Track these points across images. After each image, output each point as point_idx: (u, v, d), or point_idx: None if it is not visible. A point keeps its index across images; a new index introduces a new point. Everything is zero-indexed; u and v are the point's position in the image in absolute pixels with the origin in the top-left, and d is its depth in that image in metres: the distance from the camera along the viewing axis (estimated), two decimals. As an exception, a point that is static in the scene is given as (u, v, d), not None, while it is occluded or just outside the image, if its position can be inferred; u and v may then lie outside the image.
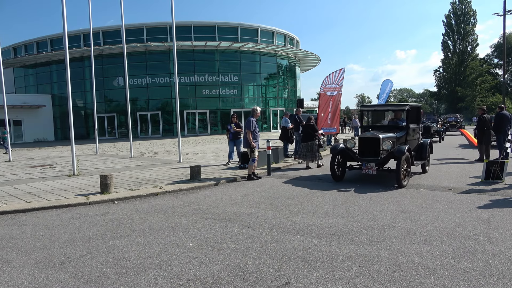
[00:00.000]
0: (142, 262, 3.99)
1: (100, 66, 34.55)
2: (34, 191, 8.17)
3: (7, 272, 3.84)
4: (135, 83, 35.11)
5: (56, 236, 5.04)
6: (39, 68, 39.86)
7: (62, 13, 10.53)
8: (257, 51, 37.67)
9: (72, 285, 3.49)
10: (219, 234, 4.91)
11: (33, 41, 40.67)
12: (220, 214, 5.95)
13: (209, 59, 36.67)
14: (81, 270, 3.82)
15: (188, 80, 35.48)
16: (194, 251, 4.30)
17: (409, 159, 8.06)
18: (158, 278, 3.58)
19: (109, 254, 4.27)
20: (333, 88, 14.54)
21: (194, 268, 3.78)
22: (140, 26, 36.13)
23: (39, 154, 19.47)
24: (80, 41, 36.81)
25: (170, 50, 34.10)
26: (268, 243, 4.48)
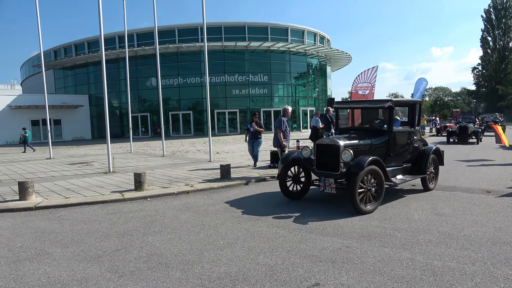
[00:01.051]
0: (174, 258, 4.08)
1: (134, 67, 35.62)
2: (73, 187, 8.54)
3: (48, 264, 4.04)
4: (167, 83, 35.89)
5: (92, 231, 5.25)
6: (77, 70, 41.61)
7: (98, 17, 10.94)
8: (287, 50, 37.51)
9: (107, 278, 3.62)
10: (248, 232, 4.94)
11: (72, 44, 42.48)
12: (250, 213, 5.98)
13: (239, 59, 36.91)
14: (116, 264, 3.96)
15: (219, 80, 35.88)
16: (224, 249, 4.34)
17: (377, 174, 5.89)
18: (189, 274, 3.65)
19: (142, 249, 4.40)
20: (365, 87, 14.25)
21: (224, 266, 3.83)
22: (172, 28, 36.89)
23: (77, 152, 20.33)
24: (116, 43, 38.06)
25: (201, 51, 34.61)
26: (298, 243, 4.46)
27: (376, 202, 5.96)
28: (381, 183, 5.99)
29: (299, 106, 39.76)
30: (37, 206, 6.75)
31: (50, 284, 3.53)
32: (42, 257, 4.24)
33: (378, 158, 6.05)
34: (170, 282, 3.49)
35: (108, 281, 3.56)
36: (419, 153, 7.39)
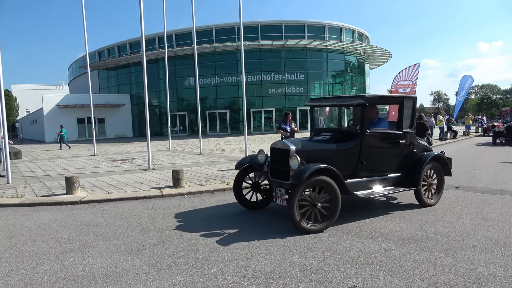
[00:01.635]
0: (210, 255, 4.15)
1: (173, 67, 36.55)
2: (115, 183, 8.91)
3: (91, 255, 4.24)
4: (205, 82, 36.53)
5: (133, 225, 5.45)
6: (120, 70, 43.34)
7: (140, 20, 11.33)
8: (324, 48, 37.01)
9: (147, 271, 3.74)
10: (283, 232, 4.92)
11: (115, 45, 44.28)
12: (285, 212, 5.95)
13: (275, 58, 36.90)
14: (155, 258, 4.09)
15: (255, 79, 36.04)
16: (259, 247, 4.36)
17: (328, 186, 4.92)
18: (225, 271, 3.70)
19: (179, 245, 4.51)
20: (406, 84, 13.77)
21: (259, 264, 3.84)
22: (210, 28, 37.48)
23: (119, 149, 21.20)
24: (156, 44, 39.23)
25: (238, 50, 34.91)
26: (334, 244, 4.39)
27: (327, 221, 4.94)
28: (334, 198, 4.96)
29: (336, 104, 39.10)
30: (82, 200, 7.11)
31: (93, 274, 3.70)
32: (86, 249, 4.46)
33: (330, 166, 4.97)
34: (206, 277, 3.56)
35: (147, 274, 3.68)
36: (413, 160, 6.09)
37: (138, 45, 40.58)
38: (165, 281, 3.50)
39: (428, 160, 6.04)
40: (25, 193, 7.99)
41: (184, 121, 39.19)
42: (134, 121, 42.57)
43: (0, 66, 9.99)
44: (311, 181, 4.83)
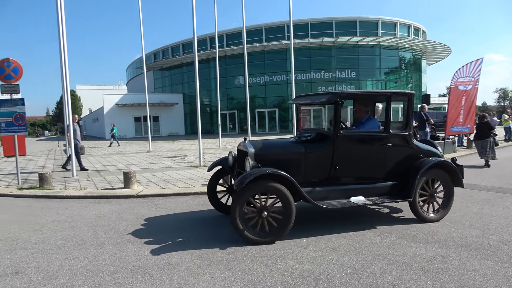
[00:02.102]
0: (258, 252, 4.18)
1: (223, 67, 37.27)
2: (168, 179, 9.28)
3: (146, 247, 4.46)
4: (254, 81, 36.86)
5: (184, 220, 5.64)
6: (173, 70, 45.03)
7: (192, 21, 11.68)
8: (377, 44, 35.75)
9: (197, 265, 3.86)
10: (333, 233, 4.83)
11: (169, 46, 46.07)
12: (335, 213, 5.84)
13: (325, 55, 36.31)
14: (205, 253, 4.20)
15: (304, 78, 35.73)
16: (307, 247, 4.32)
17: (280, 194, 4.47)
18: (273, 269, 3.71)
19: (229, 241, 4.59)
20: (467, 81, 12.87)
21: (307, 264, 3.81)
22: (259, 27, 37.72)
23: (172, 147, 22.06)
24: (207, 44, 40.25)
25: (287, 48, 34.76)
26: (386, 248, 4.23)
27: (278, 232, 4.49)
28: (286, 207, 4.50)
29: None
30: (138, 194, 7.50)
31: (148, 265, 3.89)
32: (141, 241, 4.69)
33: (279, 172, 4.47)
34: (254, 274, 3.59)
35: (198, 267, 3.80)
36: (410, 167, 5.21)
37: (191, 46, 41.90)
38: (215, 276, 3.59)
39: (426, 168, 5.09)
40: (87, 186, 8.58)
41: (234, 120, 39.84)
42: (186, 119, 44.06)
43: (67, 70, 10.80)
44: (258, 187, 4.46)
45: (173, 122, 42.81)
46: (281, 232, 4.52)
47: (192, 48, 40.30)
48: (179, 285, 3.41)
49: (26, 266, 3.97)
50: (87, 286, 3.45)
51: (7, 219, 6.12)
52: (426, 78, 43.41)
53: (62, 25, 10.51)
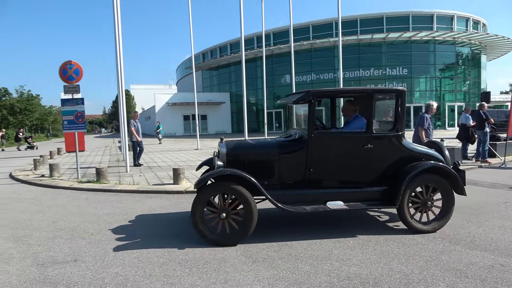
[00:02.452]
0: (303, 252, 4.15)
1: (270, 65, 37.37)
2: (215, 176, 9.48)
3: (193, 243, 4.58)
4: (301, 79, 36.57)
5: (230, 217, 5.73)
6: (221, 70, 45.92)
7: (240, 21, 11.81)
8: (432, 39, 33.99)
9: (242, 262, 3.91)
10: (382, 235, 4.67)
11: (217, 46, 47.03)
12: (385, 215, 5.65)
13: (375, 52, 35.13)
14: (250, 250, 4.24)
15: (353, 75, 34.85)
16: (354, 249, 4.22)
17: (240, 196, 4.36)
18: (318, 269, 3.66)
19: (273, 239, 4.60)
20: (534, 77, 11.83)
21: (354, 267, 3.71)
22: (307, 25, 37.35)
23: (219, 145, 22.47)
24: (254, 44, 40.55)
25: (335, 46, 34.10)
26: (439, 254, 4.01)
27: (240, 235, 4.43)
28: (246, 209, 4.38)
29: (445, 101, 35.67)
30: (186, 190, 7.74)
31: (195, 260, 4.00)
32: (189, 236, 4.84)
33: (239, 173, 4.37)
34: (299, 274, 3.57)
35: (243, 264, 3.85)
36: (399, 172, 4.74)
37: (238, 45, 42.47)
38: (260, 273, 3.61)
39: (416, 173, 4.59)
40: (140, 181, 9.01)
41: (280, 118, 39.83)
42: (233, 118, 44.75)
43: (122, 71, 11.39)
44: (217, 188, 4.47)
45: (220, 120, 43.70)
46: (242, 235, 4.44)
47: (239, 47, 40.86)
48: (224, 280, 3.48)
49: (84, 255, 4.26)
50: (138, 276, 3.63)
51: (68, 210, 6.59)
52: (486, 74, 40.59)
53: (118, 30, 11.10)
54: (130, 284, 3.46)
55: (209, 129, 42.88)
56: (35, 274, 3.76)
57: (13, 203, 7.38)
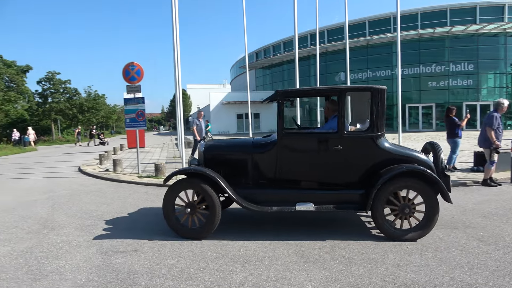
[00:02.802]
0: (357, 254, 4.04)
1: (323, 63, 36.76)
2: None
3: (246, 238, 4.65)
4: (356, 77, 35.56)
5: (284, 216, 5.72)
6: (274, 68, 46.02)
7: (293, 19, 11.74)
8: (503, 32, 31.26)
9: (294, 261, 3.89)
10: (442, 242, 4.40)
11: (270, 45, 47.21)
12: (445, 220, 5.32)
13: (437, 47, 33.08)
14: (302, 250, 4.21)
15: (412, 72, 33.17)
16: (412, 254, 4.02)
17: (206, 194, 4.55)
18: (372, 273, 3.54)
19: (326, 240, 4.53)
20: None
21: (411, 273, 3.54)
22: (363, 21, 36.19)
23: (271, 143, 22.57)
24: (307, 41, 40.13)
25: (393, 42, 32.70)
26: (508, 265, 3.70)
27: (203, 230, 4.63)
28: (210, 206, 4.56)
29: (517, 99, 32.70)
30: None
31: (247, 256, 4.06)
32: (242, 232, 4.92)
33: (202, 170, 4.60)
34: (352, 277, 3.48)
35: (294, 263, 3.83)
36: (374, 175, 4.50)
37: (291, 44, 42.29)
38: (311, 273, 3.57)
39: (390, 176, 4.31)
40: (195, 178, 9.30)
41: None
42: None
43: (179, 72, 11.84)
44: (184, 184, 4.69)
45: (273, 119, 43.69)
46: (205, 231, 4.63)
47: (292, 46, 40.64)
48: (275, 278, 3.49)
49: (143, 246, 4.50)
50: (193, 269, 3.76)
51: (129, 203, 7.00)
52: None
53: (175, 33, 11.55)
54: (184, 276, 3.60)
55: (262, 128, 43.18)
56: (99, 261, 4.05)
57: (81, 195, 8.00)
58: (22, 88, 38.96)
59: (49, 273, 3.77)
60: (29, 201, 7.51)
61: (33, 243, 4.77)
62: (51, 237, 5.00)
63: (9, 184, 10.10)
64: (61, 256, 4.25)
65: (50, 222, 5.81)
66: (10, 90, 37.65)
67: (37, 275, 3.74)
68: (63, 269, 3.86)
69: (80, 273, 3.74)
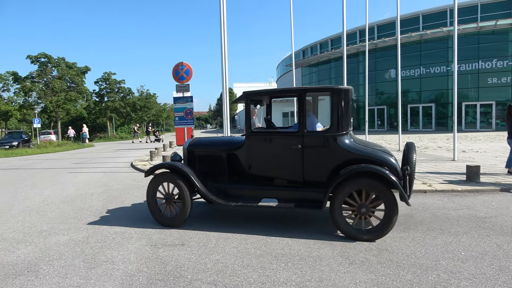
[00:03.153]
0: (406, 259, 3.87)
1: (373, 60, 35.61)
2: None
3: (290, 237, 4.63)
4: (407, 74, 34.08)
5: (326, 215, 5.63)
6: (321, 66, 45.31)
7: (342, 16, 11.47)
8: None
9: (339, 262, 3.81)
10: (500, 249, 4.09)
11: (317, 43, 46.53)
12: (505, 227, 4.94)
13: (499, 41, 30.76)
14: (347, 251, 4.11)
15: (469, 68, 31.14)
16: (466, 261, 3.78)
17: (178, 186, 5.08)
18: (422, 279, 3.38)
19: (373, 242, 4.39)
20: None
21: (465, 281, 3.33)
22: (416, 15, 34.53)
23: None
24: (356, 38, 39.06)
25: (449, 36, 30.93)
26: None
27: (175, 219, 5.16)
28: (182, 198, 5.04)
29: None
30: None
31: (291, 255, 4.04)
32: (285, 231, 4.91)
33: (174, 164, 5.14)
34: (400, 282, 3.34)
35: (339, 265, 3.75)
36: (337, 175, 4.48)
37: (339, 41, 41.44)
38: (357, 276, 3.48)
39: (346, 176, 4.35)
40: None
41: (383, 116, 37.72)
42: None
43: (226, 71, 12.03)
44: (161, 178, 5.15)
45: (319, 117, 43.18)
46: (177, 219, 5.12)
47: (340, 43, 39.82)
48: (319, 279, 3.44)
49: (189, 240, 4.63)
50: (237, 265, 3.81)
51: (177, 198, 7.25)
52: None
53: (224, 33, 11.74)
54: (229, 271, 3.66)
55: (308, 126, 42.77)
56: (148, 253, 4.23)
57: (132, 189, 8.41)
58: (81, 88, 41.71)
59: (103, 262, 4.00)
60: (87, 194, 8.02)
61: (89, 233, 5.09)
62: (105, 228, 5.30)
63: (70, 177, 10.86)
64: (114, 246, 4.50)
65: (104, 214, 6.17)
66: (71, 90, 40.44)
67: (92, 263, 3.99)
68: (115, 259, 4.08)
69: (131, 264, 3.94)
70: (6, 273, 3.79)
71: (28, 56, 38.12)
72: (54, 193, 8.31)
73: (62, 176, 11.11)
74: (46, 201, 7.38)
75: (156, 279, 3.54)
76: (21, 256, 4.26)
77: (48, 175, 11.61)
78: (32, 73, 38.82)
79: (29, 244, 4.69)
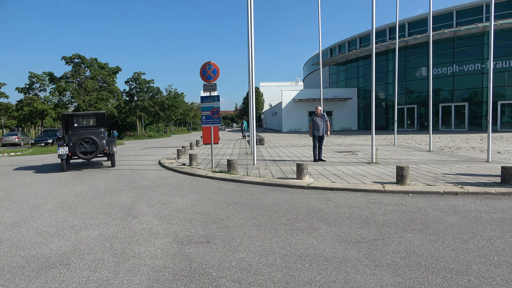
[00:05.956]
0: (434, 263, 3.75)
1: (403, 58, 34.71)
2: (338, 173, 9.31)
3: (315, 237, 4.59)
4: (439, 72, 32.99)
5: (353, 216, 5.55)
6: (349, 65, 44.62)
7: (371, 13, 11.24)
8: None
9: (364, 264, 3.74)
10: (539, 256, 3.89)
11: (346, 41, 45.80)
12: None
13: (539, 37, 29.25)
14: (373, 253, 4.03)
15: (506, 65, 29.80)
16: (499, 267, 3.62)
17: None
18: (451, 284, 3.27)
19: (400, 244, 4.28)
20: None
21: (497, 287, 3.19)
22: (449, 10, 33.35)
23: (344, 141, 21.98)
24: (386, 35, 38.16)
25: (484, 32, 29.72)
26: None
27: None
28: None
29: None
30: (309, 185, 7.79)
31: (315, 255, 4.00)
32: (310, 231, 4.87)
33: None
34: (429, 286, 3.24)
35: (365, 267, 3.68)
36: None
37: (368, 39, 40.65)
38: (383, 278, 3.41)
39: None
40: (265, 174, 9.44)
41: (413, 115, 36.70)
42: (360, 114, 43.11)
43: (253, 71, 12.06)
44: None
45: (346, 116, 42.60)
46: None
47: (369, 40, 39.05)
48: (344, 281, 3.39)
49: (214, 238, 4.68)
50: (261, 264, 3.82)
51: (203, 196, 7.34)
52: None
53: (251, 33, 11.78)
54: (253, 270, 3.67)
55: (334, 126, 42.23)
56: (174, 249, 4.31)
57: (160, 187, 8.59)
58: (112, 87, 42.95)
59: (131, 257, 4.11)
60: (116, 190, 8.27)
61: (118, 229, 5.24)
62: (133, 224, 5.45)
63: (100, 174, 11.23)
64: (142, 242, 4.62)
65: (133, 210, 6.34)
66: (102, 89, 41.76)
67: (120, 258, 4.11)
68: (143, 255, 4.19)
69: (158, 260, 4.02)
70: (40, 265, 3.97)
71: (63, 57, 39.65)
72: (85, 189, 8.62)
73: (93, 173, 11.50)
74: (78, 197, 7.67)
75: (181, 275, 3.61)
76: (54, 250, 4.45)
77: (80, 172, 12.06)
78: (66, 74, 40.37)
79: (62, 238, 4.89)
